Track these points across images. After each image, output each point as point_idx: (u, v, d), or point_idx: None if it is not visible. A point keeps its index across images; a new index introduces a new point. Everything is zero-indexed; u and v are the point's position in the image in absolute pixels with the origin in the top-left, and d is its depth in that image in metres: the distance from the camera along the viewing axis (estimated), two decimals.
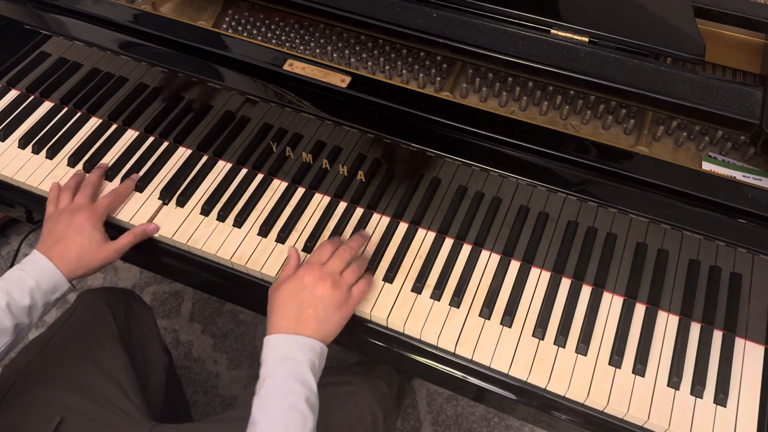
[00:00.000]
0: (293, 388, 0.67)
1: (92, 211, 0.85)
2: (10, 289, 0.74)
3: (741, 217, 0.70)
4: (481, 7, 0.83)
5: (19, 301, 0.74)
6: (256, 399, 0.68)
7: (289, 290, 0.76)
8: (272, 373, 0.69)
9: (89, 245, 0.81)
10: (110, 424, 0.84)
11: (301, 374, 0.69)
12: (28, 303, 0.75)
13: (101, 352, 0.92)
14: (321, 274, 0.76)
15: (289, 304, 0.74)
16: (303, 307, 0.74)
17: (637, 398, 0.76)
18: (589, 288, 0.84)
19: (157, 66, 0.86)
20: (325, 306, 0.74)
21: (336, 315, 0.75)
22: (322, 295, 0.75)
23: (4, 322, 0.72)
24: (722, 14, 0.87)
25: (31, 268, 0.77)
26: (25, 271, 0.77)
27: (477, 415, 1.44)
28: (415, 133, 0.79)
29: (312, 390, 0.69)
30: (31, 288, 0.75)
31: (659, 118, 0.84)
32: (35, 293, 0.76)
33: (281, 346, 0.71)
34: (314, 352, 0.71)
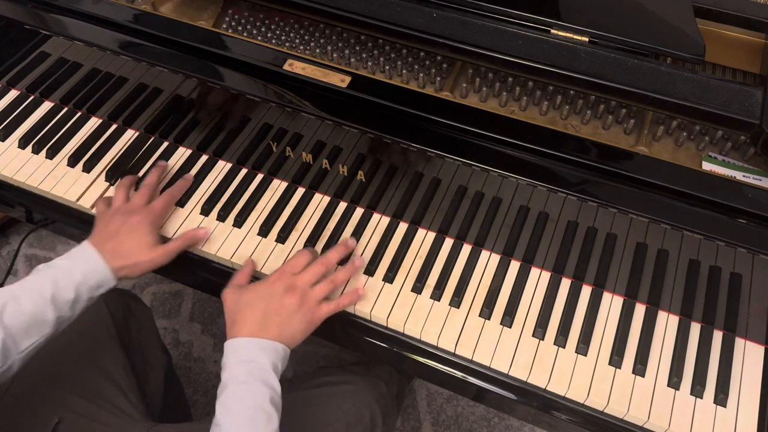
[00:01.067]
0: (257, 389, 0.68)
1: (148, 213, 0.84)
2: (57, 281, 0.73)
3: (741, 217, 0.70)
4: (481, 7, 0.83)
5: (64, 293, 0.73)
6: (219, 402, 0.68)
7: (258, 296, 0.76)
8: (235, 375, 0.69)
9: (141, 246, 0.81)
10: (109, 424, 0.84)
11: (263, 376, 0.69)
12: (72, 296, 0.73)
13: (100, 352, 0.91)
14: (291, 284, 0.77)
15: (256, 309, 0.74)
16: (269, 315, 0.74)
17: (637, 398, 0.76)
18: (589, 288, 0.84)
19: (157, 66, 0.86)
20: (291, 314, 0.75)
21: (299, 326, 0.75)
22: (289, 305, 0.75)
23: (47, 314, 0.71)
24: (722, 14, 0.87)
25: (81, 261, 0.76)
26: (73, 263, 0.76)
27: (477, 415, 1.44)
28: (415, 133, 0.79)
29: (275, 390, 0.69)
30: (77, 282, 0.74)
31: (659, 118, 0.84)
32: (81, 287, 0.74)
33: (243, 350, 0.71)
34: (276, 353, 0.72)
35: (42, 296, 0.71)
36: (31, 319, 0.70)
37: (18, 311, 0.69)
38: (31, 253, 1.68)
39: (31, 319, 0.70)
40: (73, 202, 0.92)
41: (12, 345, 0.68)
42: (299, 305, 0.76)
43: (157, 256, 0.82)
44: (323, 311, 0.78)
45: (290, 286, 0.76)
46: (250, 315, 0.74)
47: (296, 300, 0.76)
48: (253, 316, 0.74)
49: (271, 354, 0.71)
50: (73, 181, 0.94)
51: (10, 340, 0.68)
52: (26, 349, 0.70)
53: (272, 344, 0.72)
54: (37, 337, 0.71)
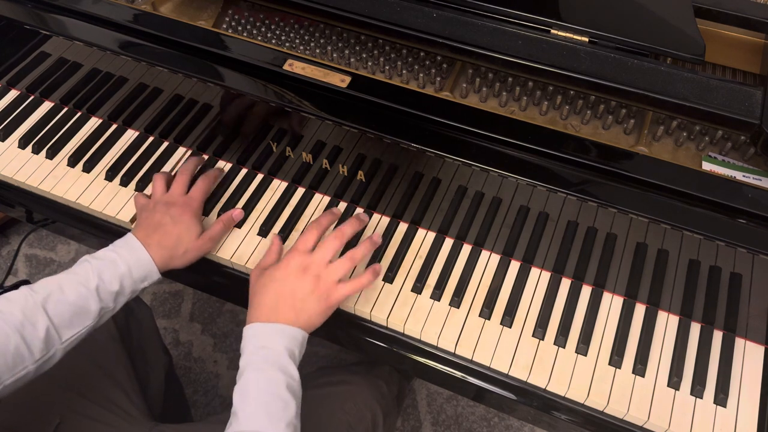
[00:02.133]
0: (273, 376, 0.67)
1: (189, 202, 0.84)
2: (101, 272, 0.73)
3: (741, 217, 0.70)
4: (481, 7, 0.83)
5: (108, 285, 0.72)
6: (237, 389, 0.67)
7: (271, 278, 0.75)
8: (251, 361, 0.68)
9: (187, 235, 0.81)
10: (110, 424, 0.84)
11: (280, 362, 0.68)
12: (116, 288, 0.73)
13: (101, 352, 0.92)
14: (304, 264, 0.75)
15: (269, 292, 0.73)
16: (283, 297, 0.72)
17: (637, 398, 0.76)
18: (589, 288, 0.84)
19: (157, 66, 0.86)
20: (305, 297, 0.73)
21: (316, 307, 0.73)
22: (303, 285, 0.73)
23: (90, 305, 0.71)
24: (722, 14, 0.87)
25: (126, 252, 0.76)
26: (118, 254, 0.75)
27: (477, 415, 1.44)
28: (415, 133, 0.79)
29: (293, 377, 0.68)
30: (122, 274, 0.74)
31: (659, 118, 0.84)
32: (125, 280, 0.74)
33: (259, 335, 0.70)
34: (294, 339, 0.70)
35: (87, 287, 0.71)
36: (74, 308, 0.70)
37: (62, 301, 0.69)
38: (31, 253, 1.68)
39: (75, 309, 0.70)
40: (73, 202, 0.92)
41: (55, 334, 0.68)
42: (314, 286, 0.74)
43: (203, 243, 0.82)
44: (341, 292, 0.75)
45: (304, 267, 0.75)
46: (263, 299, 0.73)
47: (310, 281, 0.74)
48: (266, 299, 0.73)
49: (286, 340, 0.70)
50: (73, 181, 0.94)
51: (53, 329, 0.68)
52: (69, 339, 0.70)
53: (289, 329, 0.71)
54: (80, 328, 0.70)
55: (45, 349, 0.67)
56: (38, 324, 0.67)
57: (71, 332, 0.70)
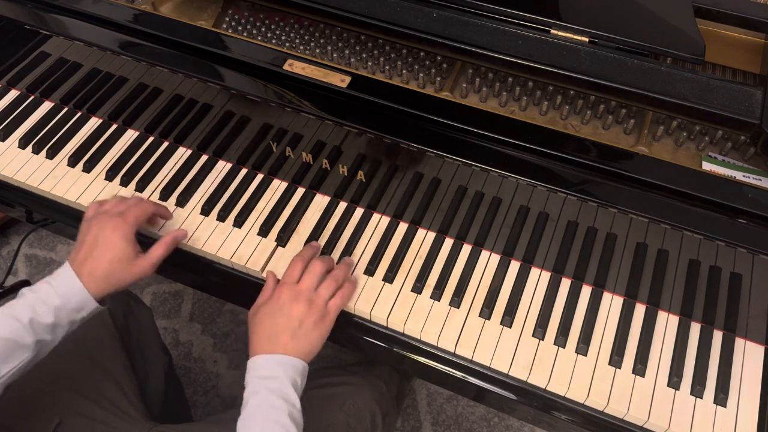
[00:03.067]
0: (275, 404, 0.68)
1: (121, 221, 0.79)
2: (35, 305, 0.72)
3: (741, 217, 0.70)
4: (481, 7, 0.83)
5: (42, 318, 0.71)
6: (240, 419, 0.69)
7: (266, 313, 0.76)
8: (254, 391, 0.70)
9: (119, 262, 0.77)
10: (110, 424, 0.83)
11: (282, 391, 0.69)
12: (51, 321, 0.72)
13: (100, 352, 0.91)
14: (295, 294, 0.77)
15: (267, 326, 0.75)
16: (281, 329, 0.74)
17: (637, 398, 0.76)
18: (589, 288, 0.84)
19: (157, 66, 0.86)
20: (302, 325, 0.75)
21: (314, 332, 0.75)
22: (298, 314, 0.75)
23: (24, 339, 0.70)
24: (722, 14, 0.87)
25: (60, 283, 0.74)
26: (53, 286, 0.74)
27: (477, 415, 1.44)
28: (415, 133, 0.79)
29: (295, 406, 0.70)
30: (56, 306, 0.72)
31: (659, 118, 0.84)
32: (60, 312, 0.73)
33: (262, 367, 0.72)
34: (295, 369, 0.72)
35: (19, 321, 0.70)
36: (9, 344, 0.69)
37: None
38: (31, 253, 1.68)
39: (9, 344, 0.69)
40: (73, 202, 0.92)
41: None
42: (308, 311, 0.76)
43: (142, 269, 0.79)
44: (333, 310, 0.78)
45: (295, 295, 0.76)
46: (261, 333, 0.74)
47: (303, 306, 0.76)
48: (265, 334, 0.74)
49: (288, 369, 0.72)
50: (73, 181, 0.94)
51: None
52: (6, 374, 0.69)
53: (290, 360, 0.72)
54: (17, 362, 0.70)
55: None
56: None
57: (8, 367, 0.69)
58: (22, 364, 0.71)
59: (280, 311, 0.75)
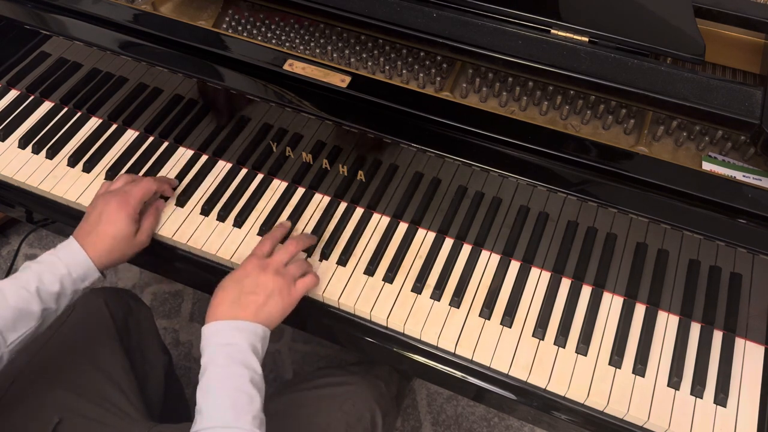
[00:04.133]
0: (236, 371, 0.68)
1: (125, 199, 0.83)
2: (41, 274, 0.74)
3: (741, 217, 0.70)
4: (481, 7, 0.83)
5: (48, 286, 0.74)
6: (200, 388, 0.68)
7: (231, 279, 0.77)
8: (213, 359, 0.69)
9: (122, 239, 0.81)
10: (109, 424, 0.83)
11: (243, 358, 0.69)
12: (57, 289, 0.75)
13: (100, 352, 0.91)
14: (263, 263, 0.77)
15: (230, 291, 0.75)
16: (244, 293, 0.74)
17: (637, 398, 0.76)
18: (589, 288, 0.84)
19: (157, 66, 0.86)
20: (267, 292, 0.75)
21: (278, 301, 0.75)
22: (264, 281, 0.75)
23: (32, 307, 0.72)
24: (722, 14, 0.87)
25: (65, 254, 0.77)
26: (58, 257, 0.77)
27: (477, 415, 1.44)
28: (415, 133, 0.79)
29: (256, 371, 0.69)
30: (62, 275, 0.75)
31: (659, 118, 0.84)
32: (65, 280, 0.76)
33: (220, 332, 0.72)
34: (255, 335, 0.72)
35: (27, 289, 0.72)
36: (17, 312, 0.71)
37: (4, 305, 0.71)
38: (31, 253, 1.68)
39: (17, 313, 0.71)
40: (73, 202, 0.92)
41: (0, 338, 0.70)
42: (273, 280, 0.76)
43: (140, 242, 0.84)
44: (299, 287, 0.78)
45: (264, 265, 0.77)
46: (223, 297, 0.75)
47: (271, 277, 0.76)
48: (227, 297, 0.74)
49: (248, 335, 0.71)
50: (73, 181, 0.94)
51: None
52: (13, 342, 0.71)
53: (249, 325, 0.72)
54: (24, 330, 0.72)
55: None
56: None
57: (15, 335, 0.71)
58: (29, 332, 0.73)
59: (247, 278, 0.76)
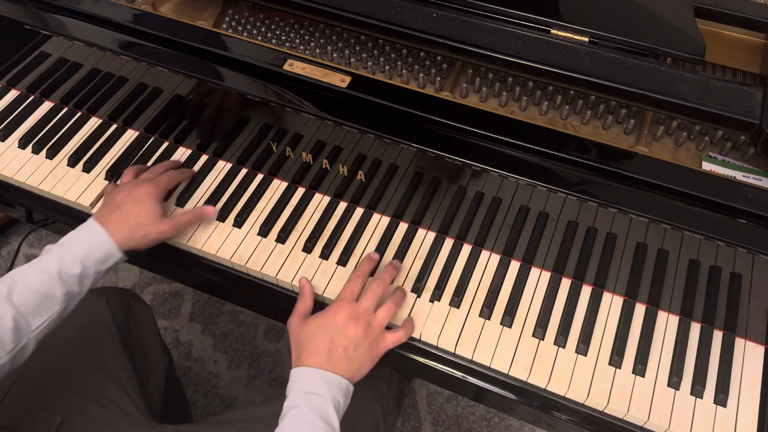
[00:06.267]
0: (314, 423, 0.67)
1: (154, 183, 0.84)
2: (62, 257, 0.74)
3: (741, 217, 0.70)
4: (481, 7, 0.83)
5: (70, 269, 0.73)
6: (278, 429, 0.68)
7: (320, 327, 0.74)
8: (295, 404, 0.68)
9: (147, 217, 0.81)
10: (111, 424, 0.84)
11: (323, 410, 0.68)
12: (79, 271, 0.74)
13: (101, 352, 0.91)
14: (354, 314, 0.75)
15: (321, 340, 0.73)
16: (335, 346, 0.72)
17: (637, 398, 0.76)
18: (589, 288, 0.84)
19: (157, 66, 0.86)
20: (357, 346, 0.73)
21: (365, 357, 0.74)
22: (355, 335, 0.73)
23: (54, 291, 0.72)
24: (722, 14, 0.87)
25: (86, 235, 0.77)
26: (79, 238, 0.76)
27: (477, 415, 1.44)
28: (415, 133, 0.79)
29: (333, 428, 0.68)
30: (83, 256, 0.75)
31: (659, 118, 0.84)
32: (87, 261, 0.75)
33: (308, 380, 0.70)
34: (340, 390, 0.71)
35: (48, 273, 0.72)
36: (40, 296, 0.70)
37: (26, 290, 0.70)
38: (31, 253, 1.68)
39: (40, 297, 0.70)
40: (73, 202, 0.92)
41: (24, 323, 0.69)
42: (364, 335, 0.74)
43: (167, 227, 0.82)
44: (388, 341, 0.76)
45: (354, 316, 0.75)
46: (316, 347, 0.73)
47: (361, 330, 0.74)
48: (320, 348, 0.72)
49: (333, 389, 0.70)
50: (73, 181, 0.94)
51: (21, 318, 0.69)
52: (39, 327, 0.70)
53: (336, 378, 0.71)
54: (49, 314, 0.71)
55: (16, 340, 0.68)
56: (5, 316, 0.67)
57: (40, 320, 0.70)
58: (54, 315, 0.72)
59: (337, 328, 0.74)
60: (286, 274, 0.85)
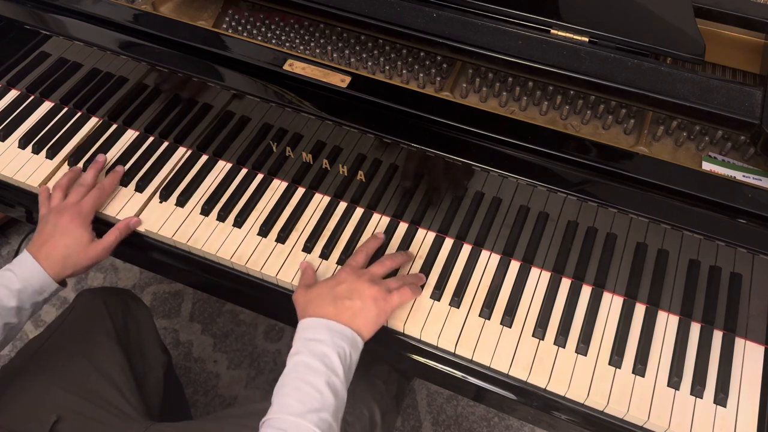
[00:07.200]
0: (313, 366, 0.67)
1: (78, 210, 0.84)
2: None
3: (741, 217, 0.70)
4: (481, 7, 0.83)
5: (6, 302, 0.75)
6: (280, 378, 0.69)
7: (326, 285, 0.76)
8: (296, 351, 0.69)
9: (75, 246, 0.82)
10: (106, 423, 0.84)
11: (324, 354, 0.68)
12: (15, 304, 0.76)
13: (98, 352, 0.92)
14: (359, 273, 0.77)
15: (326, 296, 0.74)
16: (339, 298, 0.74)
17: (637, 398, 0.76)
18: (589, 288, 0.84)
19: (157, 66, 0.86)
20: (362, 298, 0.74)
21: (372, 309, 0.74)
22: (359, 288, 0.75)
23: None
24: (722, 14, 0.87)
25: (20, 269, 0.78)
26: (13, 272, 0.78)
27: (477, 415, 1.44)
28: (415, 133, 0.79)
29: (336, 373, 0.67)
30: (18, 290, 0.76)
31: (659, 118, 0.84)
32: (22, 294, 0.76)
33: (309, 328, 0.71)
34: (344, 337, 0.71)
35: None
36: None
37: None
38: None
39: None
40: None
41: None
42: (370, 287, 0.75)
43: (96, 252, 0.83)
44: (395, 299, 0.77)
45: (359, 274, 0.77)
46: (321, 301, 0.74)
47: (366, 284, 0.75)
48: (324, 301, 0.74)
49: (335, 335, 0.70)
50: None
51: None
52: None
53: (340, 327, 0.71)
54: None
55: None
56: None
57: None
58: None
59: (342, 283, 0.75)
60: (286, 274, 0.85)
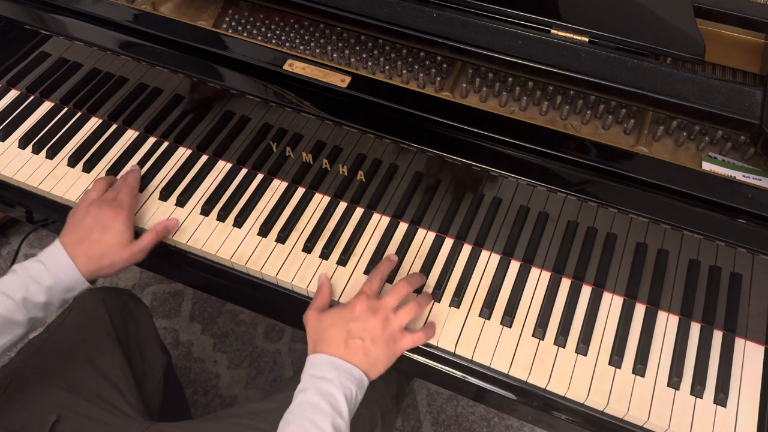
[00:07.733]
0: (320, 406, 0.66)
1: (119, 206, 0.82)
2: (28, 284, 0.73)
3: (741, 217, 0.70)
4: (481, 7, 0.83)
5: (35, 297, 0.73)
6: (285, 414, 0.68)
7: (338, 317, 0.74)
8: (304, 389, 0.68)
9: (115, 245, 0.80)
10: (106, 422, 0.84)
11: (331, 395, 0.67)
12: (44, 300, 0.74)
13: (97, 352, 0.92)
14: (373, 307, 0.75)
15: (338, 330, 0.73)
16: (351, 337, 0.72)
17: (637, 398, 0.76)
18: (589, 288, 0.84)
19: (157, 66, 0.86)
20: (374, 340, 0.72)
21: (382, 352, 0.73)
22: (373, 328, 0.73)
23: (17, 317, 0.72)
24: (722, 14, 0.87)
25: (52, 264, 0.76)
26: (45, 266, 0.75)
27: (477, 415, 1.44)
28: (415, 133, 0.79)
29: (342, 415, 0.67)
30: (48, 286, 0.74)
31: (659, 118, 0.84)
32: (52, 291, 0.75)
33: (319, 365, 0.70)
34: (352, 378, 0.70)
35: (12, 299, 0.72)
36: (1, 321, 0.71)
37: None
38: (31, 253, 1.68)
39: (2, 321, 0.71)
40: (74, 202, 0.92)
41: None
42: (382, 329, 0.73)
43: (132, 254, 0.81)
44: (407, 341, 0.76)
45: (373, 309, 0.74)
46: (332, 337, 0.72)
47: (379, 323, 0.73)
48: (336, 337, 0.72)
49: (343, 375, 0.69)
50: (73, 181, 0.94)
51: None
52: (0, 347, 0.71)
53: (348, 366, 0.70)
54: (9, 337, 0.72)
55: None
56: None
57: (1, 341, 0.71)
58: (15, 338, 0.73)
59: (356, 321, 0.73)
60: (285, 274, 0.85)
